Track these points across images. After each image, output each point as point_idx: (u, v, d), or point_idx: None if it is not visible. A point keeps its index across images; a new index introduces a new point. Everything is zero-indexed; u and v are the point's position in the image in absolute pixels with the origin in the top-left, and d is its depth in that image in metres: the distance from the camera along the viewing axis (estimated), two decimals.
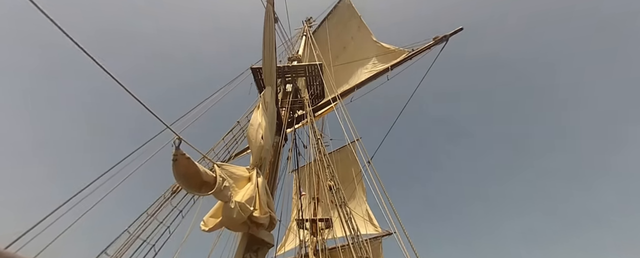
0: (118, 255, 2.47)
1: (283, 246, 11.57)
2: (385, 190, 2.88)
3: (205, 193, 2.37)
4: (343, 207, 4.05)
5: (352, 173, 13.06)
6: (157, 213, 2.99)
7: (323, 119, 12.08)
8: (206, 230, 2.82)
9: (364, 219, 11.80)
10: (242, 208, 2.83)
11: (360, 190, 12.95)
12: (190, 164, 2.31)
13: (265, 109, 4.27)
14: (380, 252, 11.05)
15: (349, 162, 13.49)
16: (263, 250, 3.33)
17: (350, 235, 3.70)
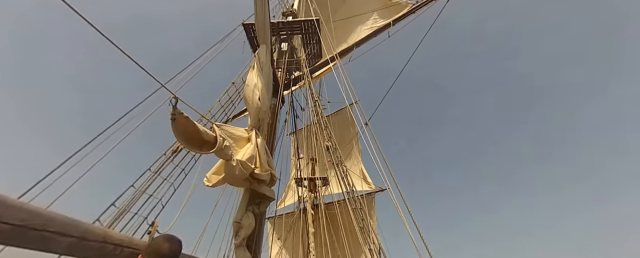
0: (126, 208, 2.62)
1: (283, 201, 12.44)
2: (380, 148, 2.96)
3: (207, 152, 2.42)
4: (339, 165, 4.21)
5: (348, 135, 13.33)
6: (160, 171, 3.09)
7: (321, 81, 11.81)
8: (210, 185, 2.96)
9: (359, 177, 12.49)
10: (244, 166, 2.93)
11: (356, 151, 13.40)
12: (190, 124, 2.29)
13: (260, 69, 4.10)
14: (373, 206, 11.99)
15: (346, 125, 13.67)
16: (265, 203, 3.56)
17: (346, 190, 3.92)
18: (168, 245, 1.11)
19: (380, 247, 2.80)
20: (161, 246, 1.10)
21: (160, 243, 1.12)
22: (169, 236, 1.22)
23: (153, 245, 1.12)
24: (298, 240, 8.92)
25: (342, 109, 14.84)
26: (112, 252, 1.36)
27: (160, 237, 1.18)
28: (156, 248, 1.09)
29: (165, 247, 1.10)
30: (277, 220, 10.47)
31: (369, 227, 3.08)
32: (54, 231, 1.09)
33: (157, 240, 1.15)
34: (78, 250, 1.20)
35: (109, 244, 1.37)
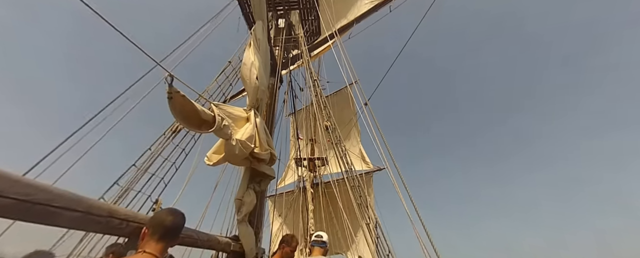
0: (130, 187, 2.67)
1: (283, 180, 12.75)
2: (379, 126, 2.96)
3: (206, 131, 2.41)
4: (338, 145, 4.24)
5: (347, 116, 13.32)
6: (160, 150, 3.11)
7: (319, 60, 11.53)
8: (210, 164, 3.00)
9: (358, 157, 12.70)
10: (243, 145, 2.95)
11: (355, 132, 13.47)
12: (187, 102, 2.26)
13: (257, 46, 3.97)
14: (371, 184, 12.34)
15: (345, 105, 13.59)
16: (265, 181, 3.63)
17: (345, 169, 3.99)
18: (172, 218, 1.13)
19: (377, 221, 2.91)
20: (165, 218, 1.12)
21: (164, 215, 1.15)
22: (172, 209, 1.25)
23: (156, 217, 1.15)
24: (298, 217, 9.27)
25: (342, 90, 14.68)
26: (118, 226, 1.40)
27: (163, 210, 1.21)
28: (160, 220, 1.11)
29: (169, 219, 1.12)
30: (278, 198, 10.79)
31: (367, 203, 3.18)
32: (59, 206, 1.12)
33: (160, 213, 1.18)
34: (84, 224, 1.23)
35: (115, 219, 1.41)
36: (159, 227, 1.08)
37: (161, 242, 1.06)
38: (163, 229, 1.08)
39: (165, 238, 1.08)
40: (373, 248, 2.92)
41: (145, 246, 1.03)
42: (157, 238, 1.06)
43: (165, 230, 1.08)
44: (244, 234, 3.13)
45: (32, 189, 1.02)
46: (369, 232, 3.05)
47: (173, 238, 1.12)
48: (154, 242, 1.05)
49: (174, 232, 1.12)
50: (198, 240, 2.23)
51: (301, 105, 10.37)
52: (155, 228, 1.08)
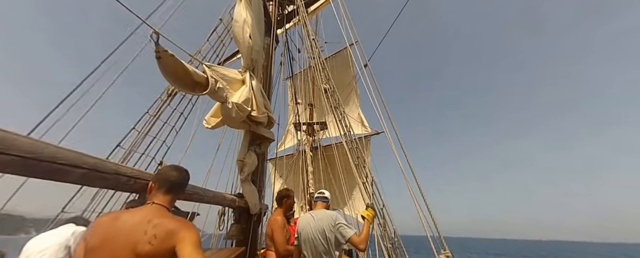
0: (133, 149, 2.74)
1: (283, 144, 13.07)
2: (379, 88, 2.92)
3: (200, 93, 2.37)
4: (337, 108, 4.23)
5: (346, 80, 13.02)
6: (158, 114, 3.11)
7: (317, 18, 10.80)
8: (209, 127, 3.03)
9: (357, 121, 12.81)
10: (240, 108, 2.94)
11: (354, 96, 13.33)
12: (177, 63, 2.18)
13: (248, 1, 3.67)
14: (368, 148, 12.70)
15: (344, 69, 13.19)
16: (265, 144, 3.72)
17: (343, 133, 4.05)
18: (176, 173, 1.17)
19: (373, 178, 3.06)
20: (170, 173, 1.16)
21: (168, 171, 1.19)
22: (175, 165, 1.30)
23: (161, 173, 1.20)
24: (298, 178, 9.75)
25: (340, 52, 14.07)
26: (127, 183, 1.47)
27: (167, 166, 1.25)
28: (165, 175, 1.16)
29: (174, 174, 1.16)
30: (278, 161, 11.19)
31: (364, 163, 3.31)
32: (64, 163, 1.16)
33: (164, 169, 1.23)
34: (92, 180, 1.29)
35: (122, 176, 1.47)
36: (164, 181, 1.13)
37: (168, 194, 1.12)
38: (169, 183, 1.12)
39: (171, 191, 1.13)
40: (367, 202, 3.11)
41: (154, 198, 1.09)
42: (164, 191, 1.11)
43: (171, 184, 1.13)
44: (248, 192, 3.32)
45: (35, 147, 1.05)
46: (365, 189, 3.22)
47: (179, 191, 1.17)
48: (161, 194, 1.10)
49: (180, 186, 1.17)
50: (205, 196, 2.37)
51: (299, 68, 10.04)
52: (162, 183, 1.12)
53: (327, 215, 2.00)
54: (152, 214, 1.01)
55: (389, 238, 2.55)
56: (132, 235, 0.93)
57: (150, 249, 0.91)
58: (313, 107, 12.40)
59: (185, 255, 0.93)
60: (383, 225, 2.69)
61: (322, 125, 11.73)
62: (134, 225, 0.96)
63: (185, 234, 0.99)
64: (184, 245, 0.95)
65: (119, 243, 0.91)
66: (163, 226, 0.97)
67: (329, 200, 2.39)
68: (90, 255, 0.91)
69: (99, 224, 0.97)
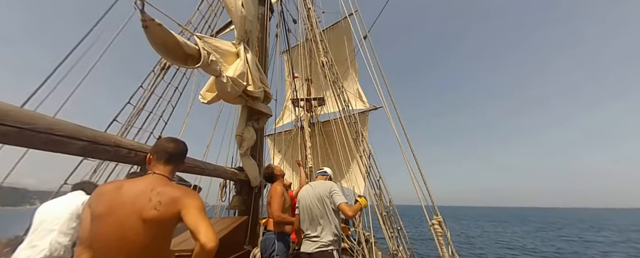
0: (130, 124, 2.72)
1: (281, 120, 13.08)
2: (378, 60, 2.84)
3: (192, 66, 2.30)
4: (336, 82, 4.16)
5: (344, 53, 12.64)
6: (153, 88, 3.04)
7: None
8: (205, 102, 3.00)
9: (355, 96, 12.70)
10: (235, 82, 2.87)
11: (352, 70, 13.04)
12: (166, 34, 2.08)
13: None
14: (366, 123, 12.77)
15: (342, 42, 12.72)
16: (263, 119, 3.71)
17: (342, 107, 4.03)
18: (173, 144, 1.17)
19: (370, 152, 3.12)
20: (167, 145, 1.16)
21: (165, 142, 1.18)
22: (172, 137, 1.29)
23: (159, 144, 1.19)
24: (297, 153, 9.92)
25: (338, 23, 13.45)
26: (127, 155, 1.49)
27: (164, 138, 1.24)
28: (163, 147, 1.15)
29: (171, 146, 1.16)
30: (277, 137, 11.28)
31: (362, 137, 3.34)
32: (62, 134, 1.16)
33: (161, 141, 1.22)
34: (93, 152, 1.30)
35: (123, 148, 1.49)
36: (162, 152, 1.13)
37: (168, 165, 1.13)
38: (167, 155, 1.13)
39: (170, 162, 1.13)
40: (365, 176, 3.21)
41: (154, 169, 1.10)
42: (163, 162, 1.12)
43: (169, 155, 1.13)
44: (248, 166, 3.39)
45: (31, 118, 1.04)
46: (362, 163, 3.29)
47: (178, 162, 1.18)
48: (161, 165, 1.11)
49: (178, 156, 1.17)
50: (206, 169, 2.43)
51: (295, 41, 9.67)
52: (160, 154, 1.13)
53: (324, 184, 2.10)
54: (154, 183, 1.03)
55: (385, 207, 2.69)
56: (137, 202, 0.95)
57: (156, 214, 0.95)
58: (311, 83, 12.19)
59: (191, 219, 0.96)
60: (379, 195, 2.81)
61: (319, 101, 11.64)
62: (137, 192, 0.98)
63: (189, 200, 1.01)
64: (188, 211, 0.98)
65: (126, 210, 0.94)
66: (166, 193, 0.99)
67: (328, 174, 2.47)
68: (98, 221, 0.94)
69: (103, 192, 0.98)
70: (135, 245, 0.92)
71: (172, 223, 0.99)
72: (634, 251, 15.67)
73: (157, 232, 0.95)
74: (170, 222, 0.98)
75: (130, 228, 0.92)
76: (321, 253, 1.83)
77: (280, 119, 13.04)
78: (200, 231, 0.93)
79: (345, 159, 9.50)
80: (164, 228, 0.98)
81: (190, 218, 0.96)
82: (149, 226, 0.93)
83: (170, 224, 0.99)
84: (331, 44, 10.44)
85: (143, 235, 0.92)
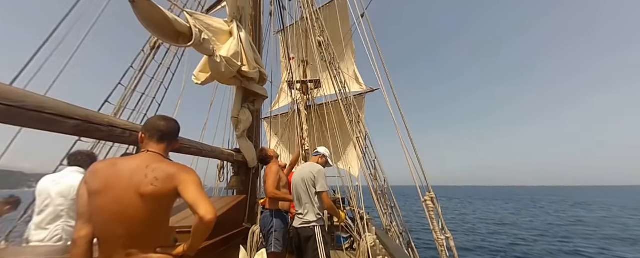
0: (122, 105, 2.67)
1: (277, 103, 12.95)
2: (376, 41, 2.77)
3: (183, 45, 2.22)
4: (332, 63, 4.08)
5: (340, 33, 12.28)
6: (144, 68, 2.95)
7: None
8: (198, 83, 2.93)
9: (352, 78, 12.54)
10: (229, 62, 2.80)
11: (349, 51, 12.75)
12: (155, 9, 1.99)
13: None
14: (363, 106, 12.74)
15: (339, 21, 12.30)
16: (259, 101, 3.67)
17: (338, 89, 3.99)
18: (164, 123, 1.15)
19: (366, 133, 3.15)
20: (158, 123, 1.14)
21: (156, 121, 1.15)
22: (163, 115, 1.27)
23: (150, 123, 1.16)
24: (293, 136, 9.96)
25: (334, 1, 12.91)
26: (121, 135, 1.48)
27: (154, 117, 1.22)
28: (154, 125, 1.12)
29: (162, 124, 1.13)
30: (273, 119, 11.26)
31: (358, 118, 3.35)
32: (53, 113, 1.13)
33: (152, 119, 1.19)
34: (86, 132, 1.29)
35: (117, 128, 1.47)
36: (154, 131, 1.11)
37: (161, 143, 1.11)
38: (159, 133, 1.11)
39: (163, 140, 1.12)
40: (361, 157, 3.26)
41: (147, 147, 1.09)
42: (156, 140, 1.10)
43: (161, 133, 1.11)
44: (245, 147, 3.40)
45: (18, 95, 1.01)
46: (358, 144, 3.32)
47: (171, 141, 1.16)
48: (154, 143, 1.10)
49: (171, 135, 1.15)
50: (203, 150, 2.43)
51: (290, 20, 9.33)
52: (152, 133, 1.11)
53: (311, 166, 2.24)
54: (149, 160, 1.02)
55: (379, 186, 2.76)
56: (133, 178, 0.96)
57: (154, 190, 0.95)
58: (307, 64, 11.94)
59: (189, 194, 0.97)
60: (374, 175, 2.87)
61: (316, 83, 11.49)
62: (133, 169, 0.98)
63: (186, 176, 1.02)
64: (186, 186, 0.99)
65: (123, 185, 0.94)
66: (162, 170, 1.00)
67: (320, 153, 2.53)
68: (95, 197, 0.95)
69: (98, 169, 0.98)
70: (134, 219, 0.93)
71: (169, 198, 1.00)
72: (604, 222, 16.66)
73: (155, 207, 0.97)
74: (167, 197, 0.99)
75: (129, 204, 0.93)
76: (304, 228, 2.03)
77: (276, 102, 12.92)
78: (198, 205, 0.94)
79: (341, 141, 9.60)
80: (162, 204, 0.99)
81: (188, 193, 0.97)
82: (146, 201, 0.94)
83: (168, 200, 1.00)
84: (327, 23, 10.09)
85: (142, 210, 0.94)
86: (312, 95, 11.45)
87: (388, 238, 2.29)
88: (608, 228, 15.64)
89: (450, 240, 1.57)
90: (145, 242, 0.97)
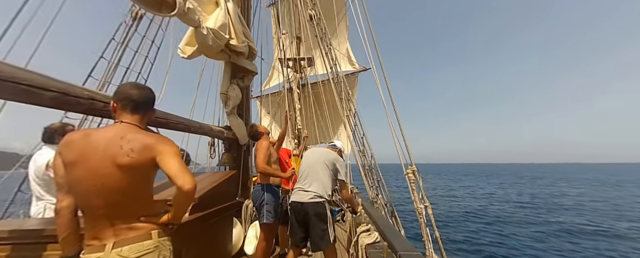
0: (106, 80, 2.59)
1: (268, 81, 12.69)
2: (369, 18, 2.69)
3: (167, 14, 2.11)
4: (324, 38, 3.97)
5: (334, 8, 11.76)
6: (126, 40, 2.82)
7: None
8: (185, 57, 2.84)
9: (345, 57, 12.26)
10: (216, 34, 2.70)
11: (343, 28, 12.32)
12: None
13: None
14: (355, 85, 12.62)
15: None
16: (248, 77, 3.60)
17: (330, 65, 3.93)
18: (137, 91, 1.06)
19: (355, 111, 3.17)
20: (130, 92, 1.05)
21: (128, 89, 1.07)
22: (136, 83, 1.17)
23: (121, 91, 1.06)
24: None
25: None
26: (104, 109, 1.46)
27: (126, 84, 1.12)
28: (126, 94, 1.04)
29: (135, 93, 1.05)
30: (265, 99, 11.11)
31: (349, 96, 3.35)
32: (30, 84, 1.11)
33: (123, 87, 1.09)
34: (66, 105, 1.27)
35: (98, 101, 1.45)
36: (127, 100, 1.04)
37: (135, 114, 1.05)
38: (132, 103, 1.04)
39: (137, 111, 1.06)
40: (350, 134, 3.32)
41: (121, 117, 1.03)
42: (130, 111, 1.04)
43: (135, 104, 1.05)
44: (235, 125, 3.40)
45: None
46: (348, 122, 3.36)
47: (146, 111, 1.09)
48: (128, 114, 1.04)
49: (145, 104, 1.08)
50: (190, 126, 2.43)
51: None
52: (125, 103, 1.04)
53: (333, 153, 2.28)
54: (124, 131, 0.98)
55: (367, 162, 2.86)
56: (108, 149, 0.93)
57: (130, 161, 0.93)
58: (300, 41, 11.54)
59: (166, 165, 0.96)
60: (362, 151, 2.96)
61: (309, 61, 11.21)
62: (108, 140, 0.95)
63: (164, 147, 0.99)
64: (164, 157, 0.97)
65: (98, 157, 0.92)
66: (138, 140, 0.96)
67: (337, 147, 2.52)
68: (71, 168, 0.93)
69: (71, 140, 0.95)
70: (114, 190, 0.93)
71: (148, 169, 0.98)
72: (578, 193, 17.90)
73: (133, 178, 0.96)
74: (145, 168, 0.97)
75: (106, 175, 0.92)
76: (314, 204, 1.98)
77: (268, 80, 12.66)
78: (177, 176, 0.94)
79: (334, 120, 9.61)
80: (141, 175, 0.98)
81: (166, 164, 0.96)
82: (124, 172, 0.93)
83: (147, 171, 0.98)
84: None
85: (120, 181, 0.93)
86: (305, 74, 11.23)
87: (373, 208, 2.43)
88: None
89: (428, 208, 1.69)
90: (127, 213, 0.97)
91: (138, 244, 0.96)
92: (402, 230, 2.24)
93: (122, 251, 0.93)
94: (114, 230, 0.95)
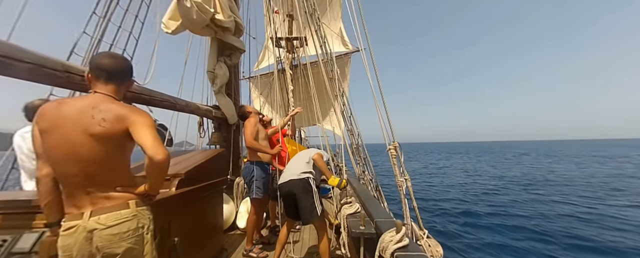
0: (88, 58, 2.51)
1: (260, 63, 12.38)
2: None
3: None
4: (313, 15, 3.87)
5: None
6: (108, 15, 2.70)
7: None
8: (169, 32, 2.75)
9: (338, 38, 11.96)
10: (201, 8, 2.61)
11: (337, 6, 11.87)
12: None
13: None
14: (348, 64, 12.42)
15: None
16: (236, 55, 3.52)
17: (320, 44, 3.86)
18: (109, 61, 1.03)
19: (343, 91, 3.18)
20: (102, 61, 1.02)
21: (100, 59, 1.04)
22: (110, 52, 1.16)
23: (94, 61, 1.03)
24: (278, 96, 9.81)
25: None
26: (81, 82, 1.45)
27: (100, 53, 1.10)
28: (98, 64, 1.02)
29: (107, 62, 1.02)
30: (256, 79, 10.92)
31: (337, 76, 3.34)
32: (4, 55, 1.09)
33: (96, 57, 1.06)
34: (41, 77, 1.25)
35: (75, 75, 1.43)
36: (100, 71, 1.02)
37: (109, 84, 1.04)
38: (105, 73, 1.02)
39: (112, 81, 1.04)
40: (339, 114, 3.35)
41: (95, 88, 1.03)
42: (104, 81, 1.03)
43: (108, 74, 1.02)
44: (223, 104, 3.38)
45: None
46: (337, 102, 3.38)
47: (122, 81, 1.08)
48: (102, 84, 1.03)
49: (121, 74, 1.06)
50: (176, 104, 2.42)
51: None
52: (97, 73, 1.02)
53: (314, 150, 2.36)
54: (97, 101, 0.97)
55: (355, 141, 2.93)
56: (80, 118, 0.93)
57: (102, 130, 0.93)
58: (292, 20, 11.13)
59: (139, 135, 0.96)
60: (350, 130, 3.02)
61: (301, 41, 10.91)
62: (80, 109, 0.94)
63: (137, 117, 0.99)
64: (136, 127, 0.97)
65: (70, 126, 0.93)
66: (111, 111, 0.96)
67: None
68: (45, 137, 0.94)
69: (45, 110, 0.95)
70: (88, 159, 0.94)
71: (121, 139, 0.98)
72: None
73: (107, 148, 0.96)
74: (119, 138, 0.97)
75: (78, 143, 0.92)
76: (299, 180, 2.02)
77: (259, 62, 12.34)
78: (148, 146, 0.94)
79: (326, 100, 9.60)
80: (115, 145, 0.98)
81: (138, 135, 0.97)
82: (98, 142, 0.94)
83: (120, 141, 0.99)
84: None
85: (94, 150, 0.94)
86: (298, 54, 10.98)
87: (357, 183, 2.54)
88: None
89: (408, 181, 1.78)
90: (104, 182, 0.98)
91: (115, 213, 0.98)
92: (386, 202, 2.36)
93: (100, 219, 0.95)
94: (90, 198, 0.97)
